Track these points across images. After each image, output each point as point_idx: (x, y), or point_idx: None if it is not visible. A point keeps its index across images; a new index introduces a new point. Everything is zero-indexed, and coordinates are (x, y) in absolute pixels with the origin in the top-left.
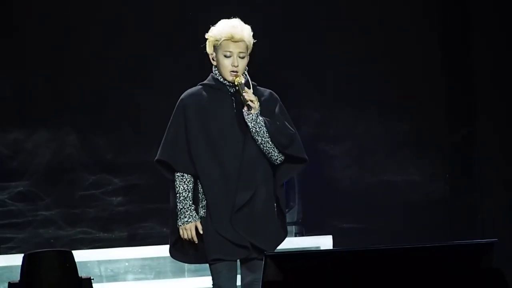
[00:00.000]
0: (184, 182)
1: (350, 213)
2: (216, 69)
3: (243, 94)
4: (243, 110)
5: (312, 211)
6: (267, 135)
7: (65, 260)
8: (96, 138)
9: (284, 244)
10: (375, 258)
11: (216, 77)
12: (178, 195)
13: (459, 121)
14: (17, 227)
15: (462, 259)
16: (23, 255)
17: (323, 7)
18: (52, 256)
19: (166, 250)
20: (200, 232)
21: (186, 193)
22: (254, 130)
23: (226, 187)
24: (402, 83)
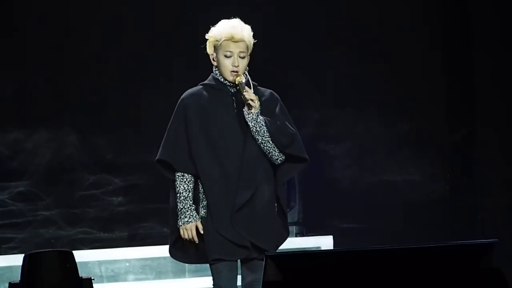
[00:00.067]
0: (185, 182)
1: (350, 213)
2: (216, 69)
3: (244, 93)
4: (243, 110)
5: (313, 211)
6: (268, 134)
7: (65, 260)
8: (96, 138)
9: (285, 244)
10: (375, 258)
11: (216, 77)
12: (178, 195)
13: (459, 121)
14: (17, 227)
15: (462, 259)
16: (23, 255)
17: (323, 7)
18: (53, 256)
19: (166, 250)
20: (201, 232)
21: (186, 193)
22: (254, 130)
23: (227, 187)
24: (402, 83)
